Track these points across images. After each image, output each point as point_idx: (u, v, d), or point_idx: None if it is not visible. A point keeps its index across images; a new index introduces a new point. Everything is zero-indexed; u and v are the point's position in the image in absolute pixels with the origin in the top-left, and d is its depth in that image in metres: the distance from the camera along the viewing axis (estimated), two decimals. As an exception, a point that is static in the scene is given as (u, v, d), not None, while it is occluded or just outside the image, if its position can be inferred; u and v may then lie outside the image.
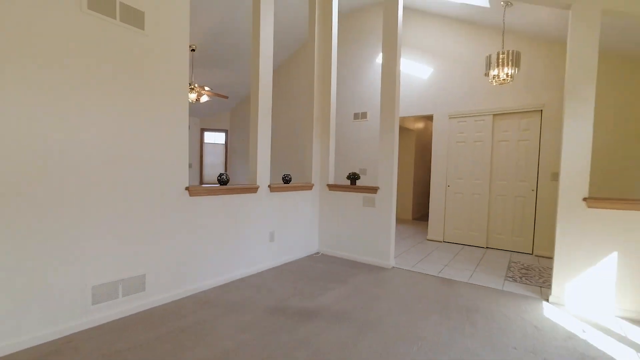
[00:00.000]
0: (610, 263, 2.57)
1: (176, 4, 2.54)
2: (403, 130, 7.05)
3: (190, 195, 2.71)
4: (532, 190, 4.47)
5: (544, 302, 2.76)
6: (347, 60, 6.15)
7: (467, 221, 4.98)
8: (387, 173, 3.75)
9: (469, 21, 4.82)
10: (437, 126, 5.27)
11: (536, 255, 4.36)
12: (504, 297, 2.87)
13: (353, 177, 4.16)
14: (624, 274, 2.52)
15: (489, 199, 4.81)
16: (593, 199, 2.61)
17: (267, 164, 3.49)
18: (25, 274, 1.86)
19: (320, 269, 3.57)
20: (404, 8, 5.23)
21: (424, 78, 5.31)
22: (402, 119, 6.18)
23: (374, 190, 3.83)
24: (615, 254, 2.55)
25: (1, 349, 1.79)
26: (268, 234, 3.54)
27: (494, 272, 3.59)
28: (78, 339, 2.00)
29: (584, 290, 2.66)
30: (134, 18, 2.28)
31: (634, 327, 2.36)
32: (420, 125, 7.49)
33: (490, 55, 3.85)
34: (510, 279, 3.36)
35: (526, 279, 3.36)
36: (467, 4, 4.28)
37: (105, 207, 2.18)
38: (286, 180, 3.84)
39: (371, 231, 3.84)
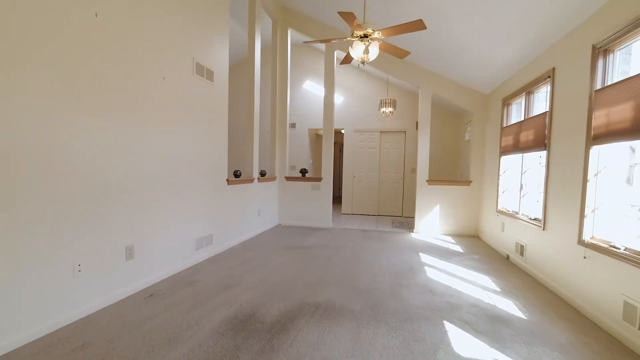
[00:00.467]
0: (436, 210, 5.50)
1: (224, 63, 4.02)
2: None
3: (228, 184, 4.23)
4: (401, 178, 7.52)
5: (412, 234, 5.53)
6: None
7: (366, 199, 7.72)
8: (327, 168, 5.94)
9: (367, 73, 7.50)
10: (346, 137, 7.80)
11: (404, 216, 7.43)
12: (394, 233, 5.52)
13: (304, 172, 6.19)
14: (441, 214, 5.48)
15: (379, 185, 7.66)
16: (430, 180, 5.49)
17: (256, 163, 5.15)
18: (172, 229, 3.20)
19: (292, 230, 5.49)
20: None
21: (338, 103, 7.75)
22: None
23: (319, 180, 5.96)
24: (438, 206, 5.49)
25: (164, 273, 3.10)
26: (257, 210, 5.24)
27: (386, 225, 6.30)
28: (201, 267, 3.41)
29: (427, 225, 5.53)
30: (209, 75, 3.71)
31: (446, 236, 5.30)
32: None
33: (381, 100, 6.51)
34: (395, 227, 6.11)
35: (402, 226, 6.18)
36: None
37: (194, 190, 3.59)
38: (262, 174, 5.54)
39: (318, 206, 5.97)
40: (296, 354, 1.92)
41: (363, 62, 3.32)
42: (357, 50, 3.25)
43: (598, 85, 2.50)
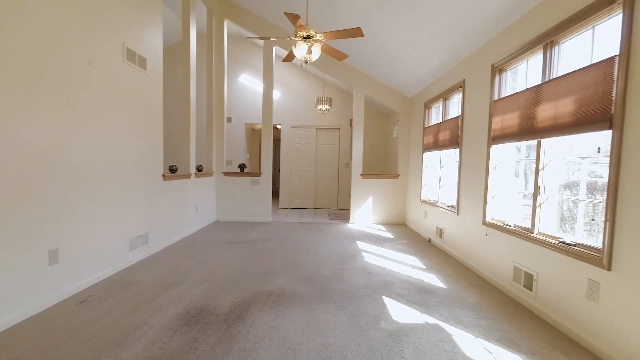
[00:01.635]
0: (369, 202, 6.01)
1: (157, 50, 3.76)
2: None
3: (164, 180, 3.99)
4: (336, 173, 7.95)
5: (348, 224, 5.95)
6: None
7: (303, 193, 7.96)
8: (266, 163, 5.98)
9: (307, 71, 7.68)
10: (283, 133, 7.90)
11: (339, 209, 7.89)
12: (331, 224, 5.86)
13: (242, 167, 6.12)
14: (374, 205, 6.02)
15: (315, 179, 7.97)
16: (364, 174, 5.97)
17: (193, 157, 4.93)
18: (107, 225, 2.93)
19: (232, 226, 5.41)
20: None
21: (275, 99, 7.79)
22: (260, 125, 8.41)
23: (258, 174, 5.97)
24: (371, 198, 6.01)
25: (97, 277, 2.83)
26: (195, 207, 5.03)
27: (323, 217, 6.63)
28: (138, 267, 3.18)
29: (362, 216, 6.01)
30: (141, 63, 3.44)
31: (378, 225, 5.85)
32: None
33: (318, 97, 6.77)
34: (332, 219, 6.48)
35: (338, 218, 6.58)
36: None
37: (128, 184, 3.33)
38: (199, 169, 5.32)
39: (257, 201, 5.98)
40: (255, 338, 2.01)
41: (306, 62, 3.48)
42: (300, 50, 3.38)
43: (495, 97, 3.11)
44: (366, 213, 6.05)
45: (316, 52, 3.44)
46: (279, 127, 8.07)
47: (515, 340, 2.05)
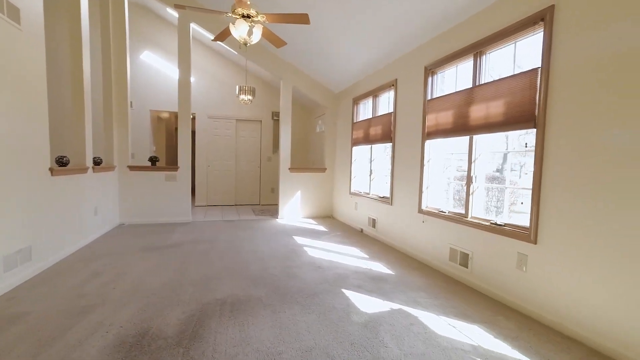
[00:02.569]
0: (297, 196, 5.95)
1: (36, 1, 2.83)
2: (175, 121, 8.07)
3: (52, 175, 3.06)
4: (258, 167, 7.62)
5: (277, 219, 5.76)
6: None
7: (223, 189, 7.36)
8: (185, 156, 5.27)
9: (226, 57, 7.04)
10: (199, 123, 7.12)
11: (262, 204, 7.59)
12: (260, 221, 5.58)
13: (154, 160, 5.24)
14: (302, 200, 5.99)
15: (236, 174, 7.46)
16: (292, 168, 5.87)
17: (90, 147, 3.95)
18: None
19: (143, 229, 4.57)
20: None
21: (188, 84, 6.91)
22: (172, 113, 7.35)
23: (175, 169, 5.22)
24: (299, 192, 5.96)
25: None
26: (94, 208, 4.05)
27: (248, 214, 6.26)
28: (22, 294, 2.33)
29: (290, 210, 5.90)
30: (12, 13, 2.52)
31: (308, 219, 5.84)
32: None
33: (240, 86, 6.30)
34: (258, 215, 6.17)
35: (265, 213, 6.32)
36: (224, 45, 6.47)
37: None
38: (97, 162, 4.31)
39: (175, 199, 5.23)
40: (225, 356, 1.72)
41: (245, 44, 3.18)
42: (240, 30, 3.07)
43: (429, 97, 3.43)
44: (295, 207, 5.97)
45: (257, 35, 3.18)
46: (192, 116, 7.21)
47: (468, 313, 2.31)
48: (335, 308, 2.33)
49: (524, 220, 2.41)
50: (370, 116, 4.76)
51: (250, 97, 6.31)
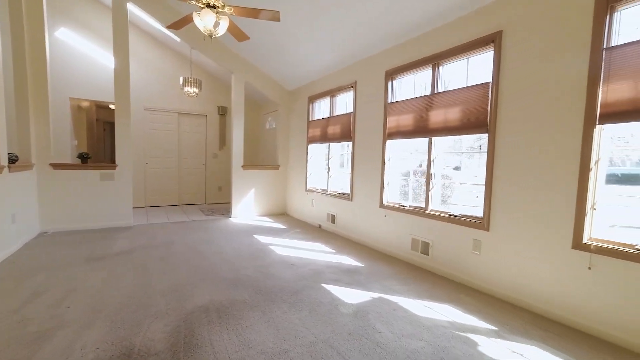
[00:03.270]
0: (251, 194, 5.82)
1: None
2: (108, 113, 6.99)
3: (-32, 175, 2.49)
4: (204, 164, 7.18)
5: (231, 219, 5.55)
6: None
7: (164, 189, 6.75)
8: (125, 152, 4.72)
9: (166, 44, 6.42)
10: (133, 115, 6.37)
11: (210, 203, 7.19)
12: (212, 221, 5.31)
13: (85, 156, 4.56)
14: (256, 197, 5.87)
15: (179, 172, 6.92)
16: (245, 165, 5.70)
17: (4, 142, 3.28)
18: None
19: (76, 237, 3.97)
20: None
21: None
22: (93, 102, 6.41)
23: (113, 167, 4.63)
24: (253, 189, 5.83)
25: None
26: (11, 215, 3.38)
27: (197, 214, 5.89)
28: None
29: (244, 209, 5.74)
30: None
31: (263, 217, 5.75)
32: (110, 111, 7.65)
33: (185, 78, 5.85)
34: (208, 214, 5.85)
35: (216, 213, 6.02)
36: (168, 32, 5.92)
37: None
38: (12, 160, 3.60)
39: (113, 201, 4.65)
40: (232, 363, 1.68)
41: (210, 36, 3.04)
42: (206, 21, 2.94)
43: (389, 100, 3.71)
44: (249, 205, 5.82)
45: (223, 27, 3.09)
46: (125, 107, 6.43)
47: (436, 294, 2.62)
48: (322, 302, 2.42)
49: (477, 212, 2.82)
50: (328, 115, 4.91)
51: (196, 90, 5.94)
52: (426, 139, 3.25)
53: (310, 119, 5.36)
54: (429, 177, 3.23)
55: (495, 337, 2.01)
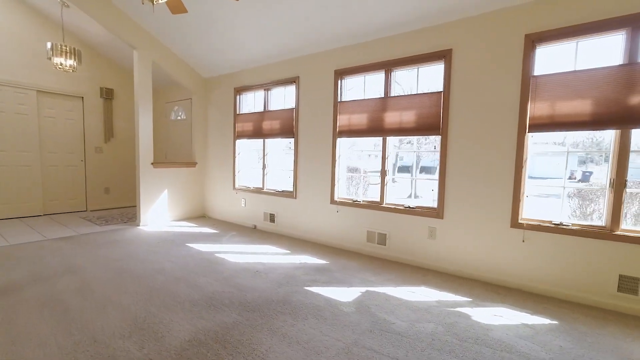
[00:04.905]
0: (164, 196, 4.91)
1: None
2: None
3: None
4: (82, 161, 5.59)
5: (140, 227, 4.54)
6: None
7: (16, 194, 4.90)
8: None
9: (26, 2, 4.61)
10: (-40, 87, 4.37)
11: (93, 210, 5.65)
12: (113, 232, 4.23)
13: None
14: (170, 200, 4.99)
15: (42, 171, 5.15)
16: (157, 163, 4.77)
17: None
18: None
19: None
20: None
21: None
22: None
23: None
24: (166, 191, 4.94)
25: None
26: None
27: (83, 225, 4.55)
28: None
29: (155, 214, 4.79)
30: None
31: (180, 222, 4.93)
32: None
33: (54, 44, 4.38)
34: (103, 224, 4.61)
35: (113, 221, 4.79)
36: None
37: None
38: None
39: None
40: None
41: (153, 2, 2.49)
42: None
43: (339, 99, 3.81)
44: (161, 210, 4.89)
45: None
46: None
47: (408, 280, 2.91)
48: (319, 306, 2.33)
49: (431, 203, 3.26)
50: (262, 109, 4.62)
51: (73, 63, 4.56)
52: (380, 138, 3.51)
53: (239, 112, 4.92)
54: (383, 174, 3.51)
55: (475, 306, 2.42)
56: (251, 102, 4.92)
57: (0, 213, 4.76)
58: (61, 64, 4.38)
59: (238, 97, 4.92)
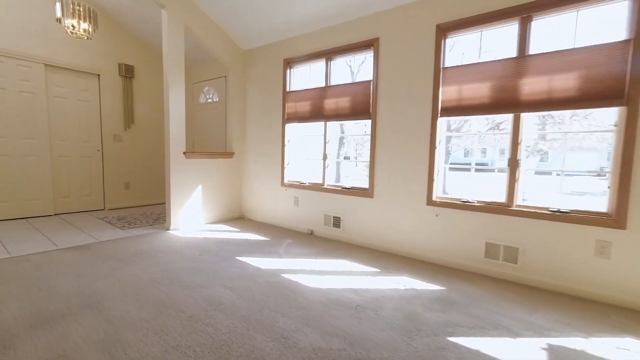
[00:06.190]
0: (198, 193, 4.01)
1: None
2: None
3: None
4: (99, 150, 4.72)
5: (170, 232, 3.65)
6: None
7: (22, 190, 4.06)
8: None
9: None
10: (-50, 57, 3.51)
11: (111, 209, 4.79)
12: (139, 238, 3.34)
13: None
14: (204, 198, 4.08)
15: (52, 162, 4.30)
16: (190, 152, 3.86)
17: None
18: None
19: None
20: None
21: None
22: None
23: None
24: (199, 187, 4.03)
25: None
26: None
27: (102, 229, 3.68)
28: None
29: (188, 215, 3.89)
30: None
31: (217, 225, 4.03)
32: None
33: (65, 0, 3.50)
34: (123, 227, 3.74)
35: (137, 224, 3.91)
36: None
37: None
38: None
39: None
40: None
41: None
42: None
43: (443, 64, 2.81)
44: (195, 210, 3.99)
45: None
46: None
47: (594, 324, 1.93)
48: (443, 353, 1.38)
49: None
50: (324, 84, 3.65)
51: (88, 27, 3.68)
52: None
53: (289, 90, 3.97)
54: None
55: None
56: (305, 77, 3.95)
57: (3, 213, 3.92)
58: (73, 27, 3.52)
59: (288, 71, 3.96)
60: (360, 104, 3.27)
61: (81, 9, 3.55)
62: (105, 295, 2.06)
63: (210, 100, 5.25)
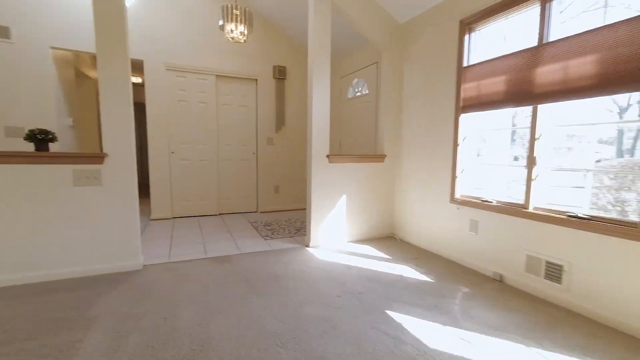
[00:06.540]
0: (342, 204, 3.37)
1: None
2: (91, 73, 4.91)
3: None
4: (254, 154, 4.85)
5: (308, 249, 3.15)
6: None
7: (196, 190, 4.52)
8: (121, 134, 2.45)
9: None
10: (151, 78, 4.15)
11: (262, 212, 4.88)
12: (276, 254, 2.94)
13: (40, 138, 2.32)
14: (348, 211, 3.41)
15: (217, 165, 4.64)
16: (333, 155, 3.25)
17: None
18: None
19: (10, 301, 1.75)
20: None
21: (129, 4, 3.91)
22: (87, 57, 4.30)
23: (100, 158, 2.38)
24: (344, 197, 3.38)
25: None
26: None
27: (249, 236, 3.56)
28: None
29: (329, 230, 3.31)
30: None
31: (360, 245, 3.30)
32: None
33: (225, 6, 3.47)
34: (266, 237, 3.51)
35: (278, 234, 3.66)
36: None
37: None
38: None
39: (97, 222, 2.41)
40: None
41: None
42: None
43: None
44: (337, 224, 3.38)
45: None
46: (137, 64, 4.17)
47: None
48: None
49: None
50: (536, 43, 2.25)
51: (244, 30, 3.54)
52: None
53: (467, 64, 2.75)
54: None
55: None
56: (493, 43, 2.62)
57: (181, 211, 4.45)
58: (231, 31, 3.49)
59: (467, 36, 2.74)
60: (622, 64, 1.74)
61: (239, 12, 3.47)
62: (217, 345, 1.57)
63: (359, 93, 4.58)
